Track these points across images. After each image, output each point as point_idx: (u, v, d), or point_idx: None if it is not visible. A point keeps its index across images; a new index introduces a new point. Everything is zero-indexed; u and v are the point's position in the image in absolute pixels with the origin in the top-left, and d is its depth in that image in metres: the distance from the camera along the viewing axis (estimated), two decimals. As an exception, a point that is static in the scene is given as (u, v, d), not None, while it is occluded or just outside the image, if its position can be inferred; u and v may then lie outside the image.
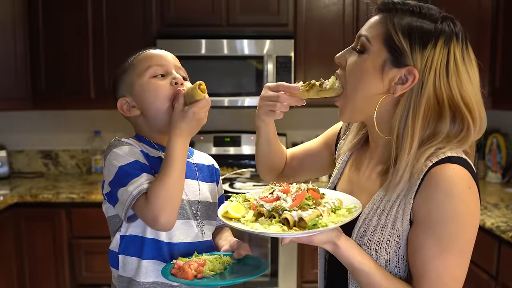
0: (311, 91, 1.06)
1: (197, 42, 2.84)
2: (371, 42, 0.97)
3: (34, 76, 2.91)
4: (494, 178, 2.95)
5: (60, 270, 2.72)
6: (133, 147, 1.10)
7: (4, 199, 2.56)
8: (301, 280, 2.78)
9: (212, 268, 1.04)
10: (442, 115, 0.94)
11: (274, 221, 0.92)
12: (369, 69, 0.96)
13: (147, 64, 1.13)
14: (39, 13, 2.87)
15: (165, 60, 1.14)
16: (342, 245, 0.93)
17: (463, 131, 0.95)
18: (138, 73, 1.13)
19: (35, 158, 3.34)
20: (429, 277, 0.91)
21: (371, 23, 1.00)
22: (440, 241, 0.90)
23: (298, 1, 2.90)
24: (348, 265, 0.95)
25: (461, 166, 0.91)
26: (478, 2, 2.70)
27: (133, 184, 1.02)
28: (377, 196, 0.99)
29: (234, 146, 3.21)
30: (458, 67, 0.94)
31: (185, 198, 1.14)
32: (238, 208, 1.00)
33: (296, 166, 1.32)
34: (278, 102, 1.10)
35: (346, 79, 1.01)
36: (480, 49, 2.69)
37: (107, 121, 3.27)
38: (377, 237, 0.96)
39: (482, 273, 2.11)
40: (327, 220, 0.90)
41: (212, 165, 1.28)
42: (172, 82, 1.11)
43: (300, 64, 2.93)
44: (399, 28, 0.94)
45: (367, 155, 1.10)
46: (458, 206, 0.89)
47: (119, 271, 1.14)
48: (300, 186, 1.00)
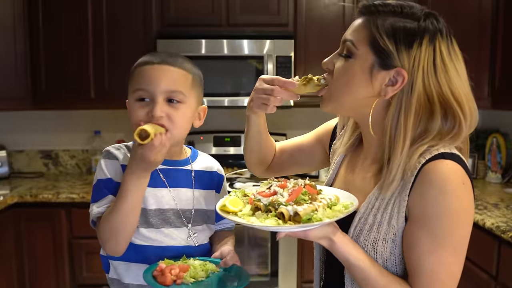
0: (308, 85, 1.06)
1: (197, 42, 2.84)
2: (356, 46, 0.97)
3: (34, 76, 2.91)
4: (494, 178, 2.95)
5: (60, 270, 2.72)
6: (114, 163, 1.12)
7: (4, 199, 2.56)
8: (301, 280, 2.78)
9: (194, 275, 1.03)
10: (433, 113, 0.94)
11: (270, 215, 0.93)
12: (357, 73, 0.97)
13: (136, 85, 1.10)
14: (39, 13, 2.87)
15: (155, 84, 1.08)
16: (338, 241, 0.94)
17: (455, 128, 0.95)
18: (130, 88, 1.13)
19: (35, 158, 3.34)
20: (424, 273, 0.91)
21: (354, 27, 1.00)
22: (435, 237, 0.90)
23: (298, 1, 2.90)
24: (344, 261, 0.95)
25: (454, 162, 0.92)
26: (478, 2, 2.70)
27: (96, 204, 1.08)
28: (372, 195, 1.00)
29: (234, 146, 3.21)
30: (445, 63, 0.94)
31: (175, 207, 1.15)
32: (236, 202, 1.01)
33: (285, 160, 1.31)
34: (272, 96, 1.09)
35: (333, 83, 1.01)
36: (480, 49, 2.69)
37: (107, 121, 3.26)
38: (373, 235, 0.97)
39: (482, 273, 2.11)
40: (322, 215, 0.91)
41: (215, 172, 1.26)
42: (148, 113, 1.07)
43: (300, 64, 2.93)
44: (383, 30, 0.94)
45: (361, 155, 1.10)
46: (452, 202, 0.89)
47: (109, 274, 1.16)
48: (297, 181, 1.00)
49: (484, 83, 2.70)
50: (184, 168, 1.19)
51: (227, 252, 1.11)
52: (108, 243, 1.05)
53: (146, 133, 0.98)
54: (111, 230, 1.03)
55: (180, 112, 1.09)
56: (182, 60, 1.15)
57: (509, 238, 1.93)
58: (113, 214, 1.02)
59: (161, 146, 1.00)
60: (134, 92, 1.10)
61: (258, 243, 2.74)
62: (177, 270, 1.01)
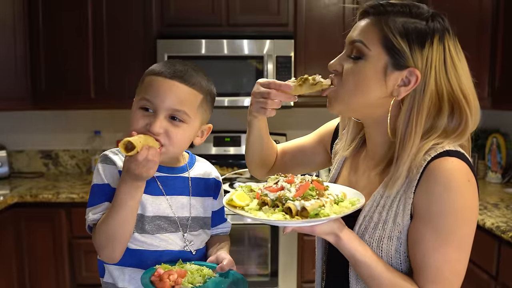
0: (304, 85, 1.05)
1: (197, 42, 2.84)
2: (368, 47, 0.95)
3: (34, 76, 2.91)
4: (494, 178, 2.95)
5: (60, 270, 2.72)
6: (112, 168, 1.10)
7: (4, 199, 2.56)
8: (301, 280, 2.78)
9: (192, 281, 1.02)
10: (441, 110, 0.95)
11: (277, 210, 0.92)
12: (369, 74, 0.95)
13: (143, 93, 1.07)
14: (39, 13, 2.87)
15: (161, 99, 1.05)
16: (344, 237, 0.93)
17: (461, 125, 0.96)
18: (137, 93, 1.11)
19: (35, 158, 3.34)
20: (429, 270, 0.92)
21: (362, 27, 0.98)
22: (439, 234, 0.91)
23: (298, 1, 2.90)
24: (349, 257, 0.95)
25: (459, 159, 0.92)
26: (479, 2, 2.70)
27: (92, 211, 1.07)
28: (377, 193, 1.00)
29: (234, 146, 3.21)
30: (454, 62, 0.95)
31: (173, 215, 1.14)
32: (242, 196, 1.00)
33: (287, 162, 1.31)
34: (269, 99, 1.08)
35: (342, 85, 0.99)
36: (480, 49, 2.69)
37: (107, 121, 3.26)
38: (378, 233, 0.97)
39: (482, 273, 2.11)
40: (329, 211, 0.90)
41: (212, 179, 1.24)
42: (147, 125, 1.05)
43: (300, 64, 2.93)
44: (396, 30, 0.94)
45: (364, 156, 1.10)
46: (456, 199, 0.90)
47: (104, 278, 1.16)
48: (304, 177, 1.00)
49: (484, 83, 2.70)
50: (181, 175, 1.18)
51: (223, 257, 1.10)
52: (103, 250, 1.05)
53: (132, 145, 0.95)
54: (106, 238, 1.03)
55: (181, 131, 1.07)
56: (196, 77, 1.09)
57: (509, 238, 1.93)
58: (107, 222, 1.02)
59: (145, 162, 0.96)
60: (140, 100, 1.07)
61: (258, 243, 2.74)
62: (175, 276, 1.00)
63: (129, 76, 2.86)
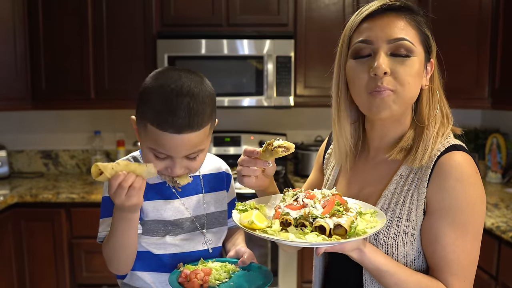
0: (266, 151, 1.01)
1: (197, 42, 2.84)
2: (415, 44, 0.98)
3: (34, 76, 2.91)
4: (494, 178, 2.95)
5: (60, 270, 2.72)
6: None
7: (4, 199, 2.56)
8: (301, 280, 2.78)
9: (218, 277, 1.04)
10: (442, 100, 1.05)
11: (306, 229, 0.87)
12: (420, 69, 1.00)
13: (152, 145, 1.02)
14: (39, 13, 2.87)
15: (174, 151, 1.01)
16: (367, 251, 0.93)
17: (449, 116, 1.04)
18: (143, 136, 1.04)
19: (35, 158, 3.34)
20: (450, 263, 0.94)
21: (401, 25, 0.98)
22: (456, 227, 0.93)
23: (298, 1, 2.90)
24: (373, 269, 0.95)
25: (465, 153, 0.97)
26: (479, 2, 2.70)
27: (100, 226, 1.09)
28: (388, 191, 1.01)
29: (234, 146, 3.21)
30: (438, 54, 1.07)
31: (189, 216, 1.16)
32: (260, 217, 0.94)
33: None
34: (244, 166, 1.06)
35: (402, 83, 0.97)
36: (480, 49, 2.69)
37: (107, 121, 3.27)
38: (393, 231, 0.98)
39: (482, 273, 2.11)
40: (363, 226, 0.87)
41: (222, 172, 1.26)
42: (168, 169, 1.04)
43: (300, 64, 2.93)
44: (425, 26, 1.01)
45: (365, 154, 1.11)
46: (469, 191, 0.93)
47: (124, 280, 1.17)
48: (323, 192, 0.96)
49: (484, 83, 2.69)
50: (193, 175, 1.17)
51: (243, 251, 1.14)
52: (110, 265, 1.08)
53: (100, 170, 0.91)
54: (110, 255, 1.05)
55: (199, 160, 1.07)
56: (203, 113, 1.01)
57: (509, 238, 1.93)
58: (107, 246, 1.04)
59: (121, 190, 0.91)
60: (150, 148, 1.03)
61: (258, 243, 2.74)
62: (202, 274, 1.02)
63: (129, 76, 2.86)
